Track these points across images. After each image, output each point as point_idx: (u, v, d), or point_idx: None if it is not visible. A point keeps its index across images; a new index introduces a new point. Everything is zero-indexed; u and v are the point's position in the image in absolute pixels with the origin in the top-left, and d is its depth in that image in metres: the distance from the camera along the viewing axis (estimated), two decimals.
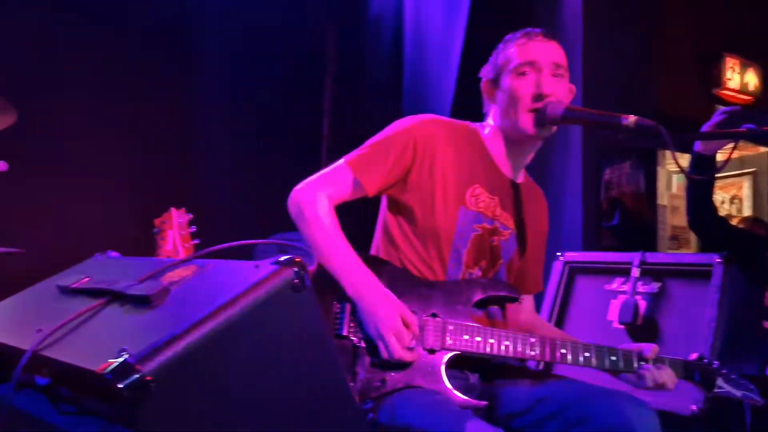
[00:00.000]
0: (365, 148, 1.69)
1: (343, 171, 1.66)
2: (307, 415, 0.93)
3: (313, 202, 1.60)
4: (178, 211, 2.10)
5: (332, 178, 1.66)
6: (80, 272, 1.19)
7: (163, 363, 0.79)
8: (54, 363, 0.90)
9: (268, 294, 0.88)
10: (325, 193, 1.63)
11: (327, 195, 1.63)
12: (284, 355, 0.91)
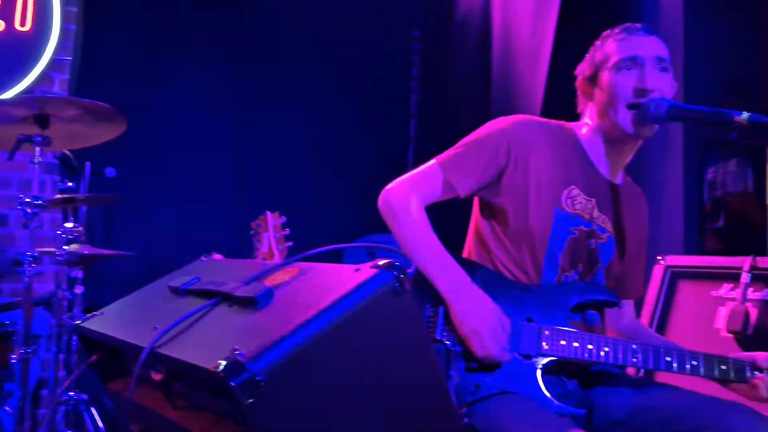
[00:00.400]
0: (457, 149, 1.68)
1: (434, 171, 1.65)
2: (407, 418, 0.94)
3: (405, 202, 1.61)
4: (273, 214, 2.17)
5: (423, 179, 1.66)
6: (188, 274, 1.25)
7: (273, 363, 0.81)
8: (169, 360, 0.95)
9: (370, 298, 0.90)
10: (416, 193, 1.63)
11: (418, 195, 1.63)
12: (385, 358, 0.92)
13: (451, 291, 1.52)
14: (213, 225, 3.64)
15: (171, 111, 3.60)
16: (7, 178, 3.37)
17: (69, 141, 2.28)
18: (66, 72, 3.49)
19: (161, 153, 3.58)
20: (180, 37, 3.62)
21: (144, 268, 3.33)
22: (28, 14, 3.36)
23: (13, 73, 3.34)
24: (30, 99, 2.13)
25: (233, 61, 3.73)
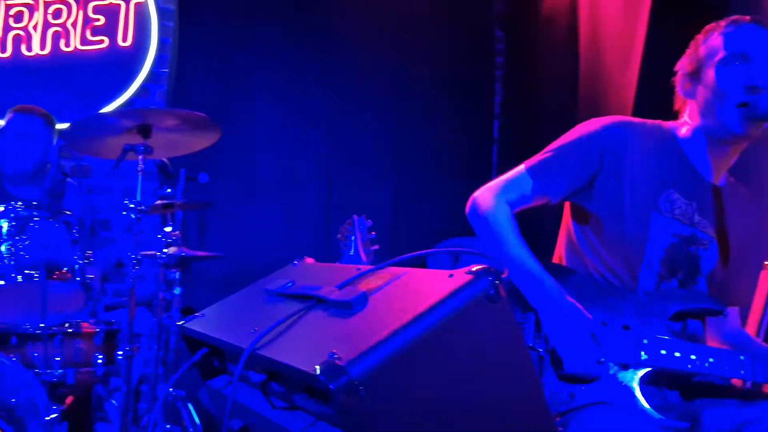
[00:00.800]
0: (547, 153, 1.64)
1: (523, 177, 1.62)
2: (503, 427, 0.93)
3: (494, 208, 1.58)
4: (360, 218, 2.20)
5: (512, 185, 1.63)
6: (283, 277, 1.28)
7: (370, 367, 0.82)
8: (269, 361, 0.98)
9: (465, 304, 0.89)
10: (505, 200, 1.60)
11: (507, 201, 1.60)
12: (480, 366, 0.91)
13: (541, 301, 1.49)
14: (299, 228, 3.74)
15: (259, 118, 3.73)
16: (110, 185, 3.59)
17: (168, 149, 2.40)
18: (163, 83, 3.68)
19: (250, 159, 3.70)
20: (267, 47, 3.74)
21: (234, 269, 3.48)
22: (129, 31, 3.58)
23: (115, 87, 3.56)
24: (134, 111, 2.26)
25: (319, 67, 3.81)
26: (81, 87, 3.50)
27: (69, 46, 3.48)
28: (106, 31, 3.53)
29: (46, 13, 3.44)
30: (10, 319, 2.14)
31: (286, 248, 3.61)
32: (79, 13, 3.49)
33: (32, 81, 3.42)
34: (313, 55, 3.81)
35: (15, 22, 3.40)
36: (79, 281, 2.04)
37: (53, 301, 2.03)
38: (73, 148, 2.22)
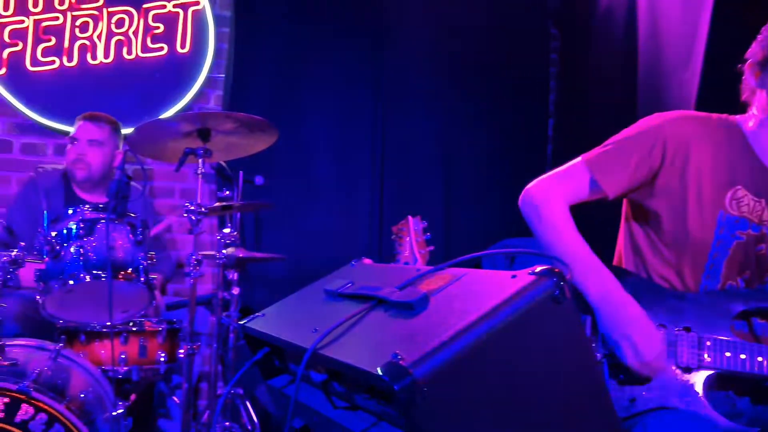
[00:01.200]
0: (606, 147, 1.60)
1: (580, 170, 1.59)
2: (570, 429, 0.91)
3: (548, 201, 1.55)
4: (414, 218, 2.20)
5: (568, 177, 1.60)
6: (342, 277, 1.29)
7: (434, 369, 0.82)
8: (331, 361, 0.99)
9: (529, 305, 0.88)
10: (560, 192, 1.57)
11: (562, 194, 1.57)
12: (545, 368, 0.90)
13: (599, 295, 1.45)
14: (352, 229, 3.76)
15: (312, 119, 3.77)
16: (170, 188, 3.70)
17: (227, 152, 2.46)
18: (220, 88, 3.77)
19: (304, 160, 3.75)
20: (321, 50, 3.78)
21: (288, 269, 3.54)
22: (187, 38, 3.68)
23: (174, 92, 3.67)
24: (195, 115, 2.32)
25: (372, 67, 3.83)
26: (142, 93, 3.62)
27: (131, 54, 3.60)
28: (165, 38, 3.64)
29: (110, 22, 3.57)
30: (79, 318, 2.23)
31: (339, 249, 3.64)
32: (140, 22, 3.61)
33: (97, 88, 3.55)
34: (366, 55, 3.83)
35: (81, 32, 3.54)
36: (143, 281, 2.10)
37: (119, 300, 2.10)
38: (136, 153, 2.29)
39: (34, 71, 3.48)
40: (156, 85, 3.64)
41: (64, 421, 1.69)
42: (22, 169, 3.41)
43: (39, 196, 2.87)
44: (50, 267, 2.04)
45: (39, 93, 3.49)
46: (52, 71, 3.50)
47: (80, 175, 2.89)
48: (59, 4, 3.52)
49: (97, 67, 3.56)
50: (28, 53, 3.47)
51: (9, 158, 3.49)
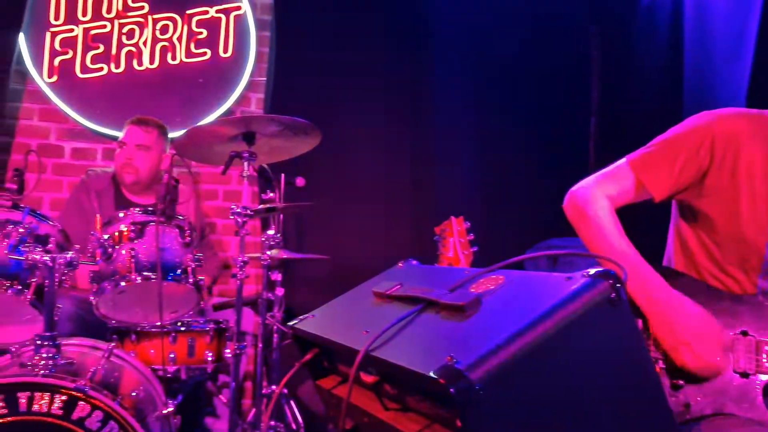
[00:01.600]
0: (651, 147, 1.57)
1: (625, 172, 1.56)
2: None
3: (593, 203, 1.53)
4: (457, 219, 2.19)
5: (613, 179, 1.57)
6: (390, 279, 1.30)
7: (489, 371, 0.82)
8: (382, 363, 1.00)
9: (585, 307, 0.87)
10: (605, 194, 1.55)
11: (607, 196, 1.55)
12: (601, 371, 0.89)
13: (650, 299, 1.42)
14: (392, 229, 3.76)
15: (353, 120, 3.79)
16: (214, 190, 3.77)
17: (271, 155, 2.49)
18: (261, 91, 3.82)
19: (344, 161, 3.77)
20: (361, 52, 3.80)
21: (330, 270, 3.56)
22: (229, 42, 3.74)
23: (217, 96, 3.74)
24: (239, 119, 2.36)
25: (412, 67, 3.83)
26: (186, 97, 3.70)
27: (175, 59, 3.68)
28: (208, 43, 3.71)
29: (155, 29, 3.66)
30: (130, 318, 2.29)
31: (379, 249, 3.65)
32: (183, 28, 3.69)
33: (143, 93, 3.64)
34: (406, 57, 3.84)
35: (127, 39, 3.64)
36: (192, 282, 2.15)
37: (168, 301, 2.14)
38: (183, 157, 2.34)
39: (84, 78, 3.59)
40: (199, 89, 3.71)
41: (118, 419, 1.73)
42: (74, 173, 3.52)
43: (90, 199, 2.95)
44: (103, 268, 2.10)
45: (88, 99, 3.60)
46: (101, 78, 3.61)
47: (129, 179, 2.97)
48: (107, 12, 3.62)
49: (143, 72, 3.65)
50: (77, 61, 3.58)
51: (61, 163, 3.61)
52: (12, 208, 1.94)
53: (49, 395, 1.71)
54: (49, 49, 3.55)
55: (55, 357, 1.84)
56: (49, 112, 3.60)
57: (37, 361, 1.82)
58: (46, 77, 3.54)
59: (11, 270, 1.92)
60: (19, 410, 1.68)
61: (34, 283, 1.93)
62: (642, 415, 0.91)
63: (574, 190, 1.59)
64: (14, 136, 3.57)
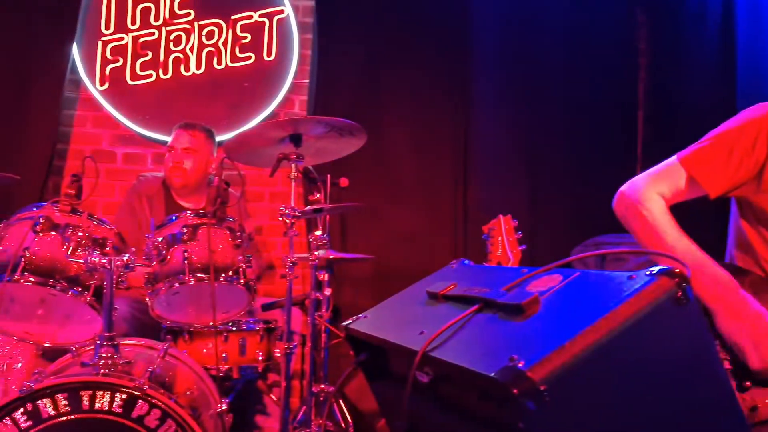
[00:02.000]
0: (704, 143, 1.52)
1: (677, 169, 1.52)
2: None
3: (647, 202, 1.49)
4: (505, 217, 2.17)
5: (665, 177, 1.53)
6: (443, 279, 1.29)
7: (553, 372, 0.81)
8: (440, 363, 1.00)
9: (650, 307, 0.85)
10: (657, 193, 1.51)
11: (660, 194, 1.51)
12: (667, 373, 0.87)
13: (714, 297, 1.38)
14: (436, 228, 3.75)
15: (395, 120, 3.79)
16: (260, 192, 3.82)
17: (317, 156, 2.51)
18: (304, 94, 3.86)
19: (387, 161, 3.78)
20: (403, 51, 3.80)
21: (374, 269, 3.57)
22: (273, 46, 3.79)
23: (262, 99, 3.79)
24: (286, 121, 2.39)
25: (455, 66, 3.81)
26: (231, 101, 3.76)
27: (221, 64, 3.74)
28: (252, 47, 3.76)
29: (201, 35, 3.74)
30: (184, 318, 2.34)
31: (422, 249, 3.65)
32: (228, 33, 3.75)
33: (190, 98, 3.72)
34: (447, 53, 3.82)
35: (174, 45, 3.72)
36: (243, 283, 2.18)
37: (220, 301, 2.18)
38: (232, 160, 2.38)
39: (133, 85, 3.69)
40: (244, 93, 3.77)
41: (176, 417, 1.77)
42: (125, 178, 3.62)
43: (141, 203, 3.03)
44: (157, 270, 2.15)
45: (138, 105, 3.69)
46: (150, 84, 3.70)
47: (178, 182, 3.03)
48: (154, 19, 3.71)
49: (189, 78, 3.73)
50: (127, 68, 3.68)
51: (113, 168, 3.72)
52: (71, 213, 2.01)
53: (110, 394, 1.76)
54: (101, 57, 3.65)
55: (114, 356, 1.89)
56: (102, 118, 3.71)
57: (97, 360, 1.87)
58: (99, 85, 3.65)
59: (71, 273, 1.98)
60: (82, 408, 1.73)
61: (92, 285, 2.00)
62: (712, 418, 0.88)
63: (624, 189, 1.56)
64: (70, 143, 3.70)
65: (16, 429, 1.69)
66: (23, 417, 1.69)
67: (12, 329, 2.07)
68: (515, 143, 3.83)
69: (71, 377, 1.78)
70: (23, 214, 2.00)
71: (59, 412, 1.72)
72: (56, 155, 3.63)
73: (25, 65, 3.49)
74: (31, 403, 1.70)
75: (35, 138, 3.49)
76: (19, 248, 1.89)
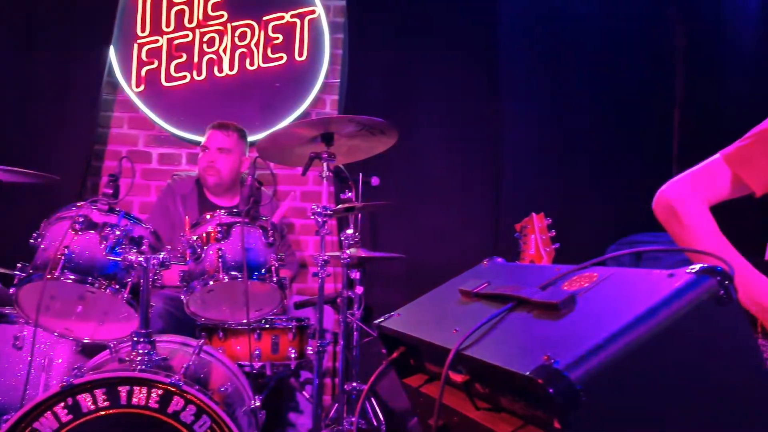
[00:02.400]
0: (747, 140, 1.48)
1: (719, 167, 1.48)
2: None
3: (687, 202, 1.46)
4: (538, 215, 2.14)
5: (707, 176, 1.50)
6: (476, 277, 1.28)
7: (590, 372, 0.80)
8: (474, 362, 0.99)
9: (690, 306, 0.83)
10: (698, 192, 1.47)
11: (701, 194, 1.47)
12: (710, 372, 0.85)
13: (757, 303, 1.35)
14: (467, 226, 3.73)
15: (426, 118, 3.78)
16: (292, 191, 3.84)
17: (349, 155, 2.52)
18: (335, 93, 3.87)
19: (418, 159, 3.77)
20: (433, 50, 3.79)
21: (405, 268, 3.57)
22: (304, 46, 3.81)
23: (293, 99, 3.82)
24: (318, 120, 2.40)
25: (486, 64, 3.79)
26: (263, 101, 3.80)
27: (253, 65, 3.78)
28: (284, 47, 3.79)
29: (233, 36, 3.78)
30: (218, 316, 2.37)
31: (454, 247, 3.63)
32: (260, 34, 3.79)
33: (223, 99, 3.77)
34: (478, 50, 3.80)
35: (208, 47, 3.77)
36: (275, 281, 2.20)
37: (253, 299, 2.20)
38: (265, 159, 2.40)
39: (168, 86, 3.75)
40: (276, 93, 3.80)
41: (211, 413, 1.79)
42: (161, 178, 3.68)
43: (176, 201, 3.08)
44: (192, 268, 2.18)
45: (173, 106, 3.75)
46: (184, 85, 3.76)
47: (212, 181, 3.07)
48: (188, 22, 3.76)
49: (222, 79, 3.77)
50: (162, 70, 3.74)
51: (149, 168, 3.79)
52: (108, 212, 2.05)
53: (146, 389, 1.79)
54: (137, 60, 3.72)
55: (151, 353, 1.92)
56: (138, 120, 3.78)
57: (134, 356, 1.91)
58: (134, 87, 3.72)
59: (109, 270, 2.02)
60: (120, 403, 1.77)
61: (129, 283, 2.03)
62: (755, 419, 0.86)
63: (664, 189, 1.53)
64: (107, 144, 3.78)
65: (57, 423, 1.73)
66: (64, 411, 1.73)
67: (53, 326, 2.12)
68: (548, 140, 3.79)
69: (109, 373, 1.81)
70: (63, 214, 2.05)
71: (98, 406, 1.75)
72: (94, 156, 3.71)
73: (63, 69, 3.58)
74: (71, 398, 1.74)
75: (74, 139, 3.57)
76: (59, 246, 1.94)
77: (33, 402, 1.72)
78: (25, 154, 3.36)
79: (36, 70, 3.56)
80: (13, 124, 3.53)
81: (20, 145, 3.47)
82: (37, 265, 1.97)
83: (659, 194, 1.53)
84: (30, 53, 3.57)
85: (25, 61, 3.56)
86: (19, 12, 3.57)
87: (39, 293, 1.93)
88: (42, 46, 3.58)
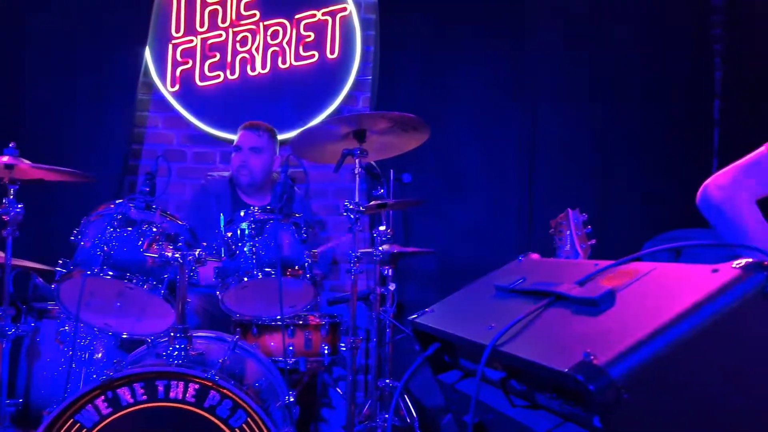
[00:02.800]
0: None
1: (766, 160, 1.44)
2: None
3: (733, 198, 1.43)
4: (574, 211, 2.11)
5: (753, 169, 1.46)
6: (511, 273, 1.27)
7: (631, 369, 0.78)
8: (512, 358, 0.98)
9: (736, 301, 0.81)
10: (745, 186, 1.44)
11: (747, 188, 1.44)
12: (756, 369, 0.82)
13: None
14: (501, 223, 3.70)
15: (458, 115, 3.76)
16: (324, 189, 3.86)
17: (381, 152, 2.52)
18: (367, 90, 3.87)
19: (450, 156, 3.76)
20: (465, 47, 3.77)
21: (437, 264, 3.56)
22: (336, 43, 3.82)
23: (325, 96, 3.83)
24: (350, 117, 2.40)
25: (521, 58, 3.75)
26: (295, 99, 3.82)
27: (285, 63, 3.81)
28: (315, 45, 3.81)
29: (266, 35, 3.81)
30: (252, 312, 2.39)
31: (486, 243, 3.61)
32: (292, 32, 3.81)
33: (256, 98, 3.80)
34: (510, 45, 3.76)
35: (241, 46, 3.81)
36: (309, 277, 2.21)
37: (287, 295, 2.22)
38: (298, 156, 2.41)
39: (202, 86, 3.80)
40: (308, 90, 3.82)
41: (246, 408, 1.81)
42: (195, 176, 3.73)
43: (210, 200, 3.12)
44: (227, 265, 2.20)
45: (207, 105, 3.80)
46: (217, 85, 3.80)
47: (245, 180, 3.10)
48: (222, 21, 3.80)
49: (255, 78, 3.80)
50: (197, 69, 3.79)
51: (184, 167, 3.84)
52: (146, 210, 2.08)
53: (183, 384, 1.81)
54: (171, 60, 3.78)
55: (187, 348, 1.95)
56: (173, 119, 3.84)
57: (172, 351, 1.94)
58: (169, 87, 3.78)
59: (146, 267, 2.05)
60: (158, 397, 1.80)
61: (166, 279, 2.06)
62: None
63: (708, 184, 1.49)
64: (143, 142, 3.85)
65: (98, 415, 1.76)
66: (104, 404, 1.77)
67: (93, 321, 2.17)
68: (584, 135, 3.73)
69: (148, 367, 1.84)
70: (102, 211, 2.09)
71: (137, 400, 1.79)
72: (131, 155, 3.78)
73: (100, 70, 3.65)
74: (111, 391, 1.78)
75: (112, 139, 3.65)
76: (99, 243, 1.98)
77: (75, 395, 1.76)
78: (66, 154, 3.44)
79: (75, 72, 3.65)
80: (53, 125, 3.63)
81: (61, 145, 3.56)
82: (77, 262, 2.02)
83: (703, 189, 1.50)
84: (69, 56, 3.65)
85: (64, 65, 3.65)
86: (57, 16, 3.66)
87: (79, 289, 1.97)
88: (80, 49, 3.66)
